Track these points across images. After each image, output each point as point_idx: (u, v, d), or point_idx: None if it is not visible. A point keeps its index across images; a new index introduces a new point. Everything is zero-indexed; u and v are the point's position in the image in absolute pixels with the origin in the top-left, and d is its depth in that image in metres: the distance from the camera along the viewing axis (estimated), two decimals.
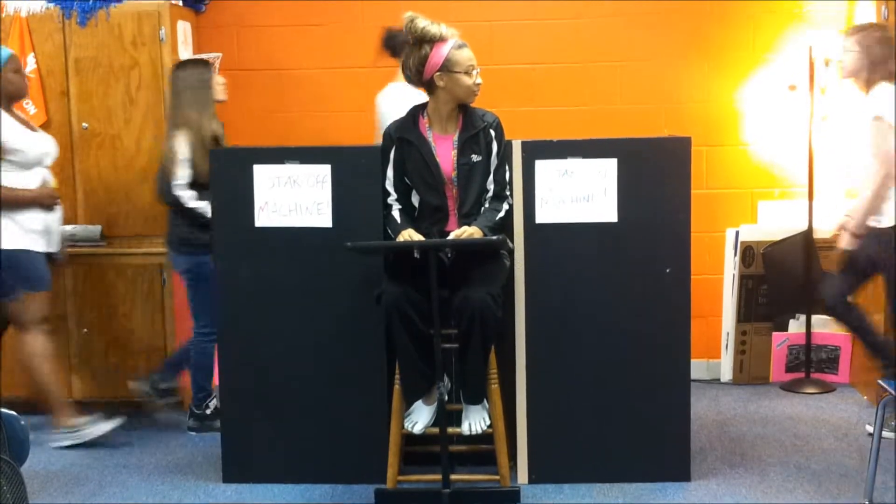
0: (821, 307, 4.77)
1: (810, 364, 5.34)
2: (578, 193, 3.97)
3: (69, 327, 5.05)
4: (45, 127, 5.08)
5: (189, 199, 4.54)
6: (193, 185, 4.55)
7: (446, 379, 3.83)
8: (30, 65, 5.02)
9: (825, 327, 5.31)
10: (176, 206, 4.58)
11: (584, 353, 4.02)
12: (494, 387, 3.83)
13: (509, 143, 3.95)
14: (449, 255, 3.84)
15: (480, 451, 3.94)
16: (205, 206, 4.43)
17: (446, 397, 3.80)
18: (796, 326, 5.39)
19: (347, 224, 4.00)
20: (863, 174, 4.39)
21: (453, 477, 3.83)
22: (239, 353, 4.10)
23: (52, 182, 4.66)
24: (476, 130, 3.85)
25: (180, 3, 5.23)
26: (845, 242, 4.34)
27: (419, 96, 4.01)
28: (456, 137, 3.86)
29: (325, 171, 4.01)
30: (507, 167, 3.93)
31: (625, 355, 4.01)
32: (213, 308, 4.39)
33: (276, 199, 4.04)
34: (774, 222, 5.38)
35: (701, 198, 4.97)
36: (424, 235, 3.81)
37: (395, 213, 3.91)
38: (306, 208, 4.03)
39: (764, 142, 5.43)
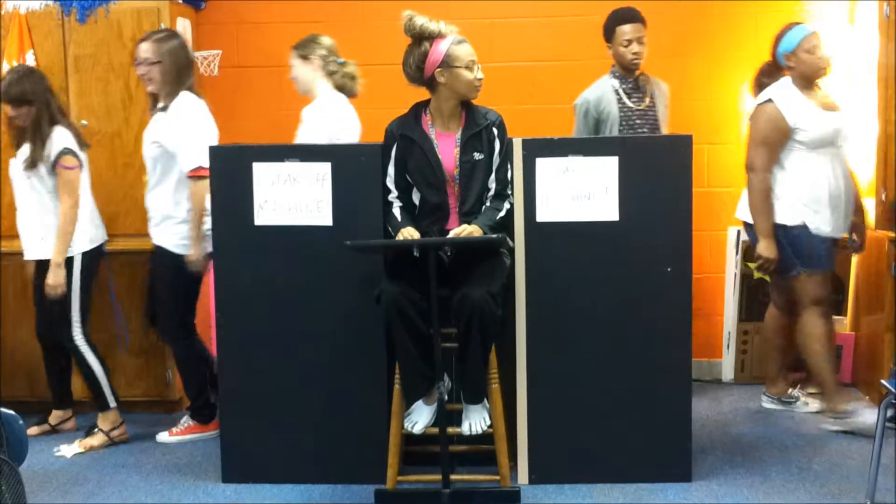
0: None
1: None
2: (579, 192, 3.96)
3: None
4: None
5: None
6: None
7: (446, 378, 3.82)
8: (29, 62, 5.01)
9: None
10: None
11: (584, 352, 4.00)
12: (495, 386, 3.81)
13: (510, 142, 3.93)
14: (448, 254, 3.83)
15: (481, 452, 3.92)
16: None
17: (446, 397, 3.79)
18: None
19: (348, 222, 3.98)
20: None
21: (453, 477, 3.82)
22: (238, 352, 4.09)
23: None
24: (479, 128, 3.83)
25: (180, 0, 5.21)
26: None
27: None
28: (459, 135, 3.84)
29: (325, 168, 3.99)
30: (508, 166, 3.91)
31: (626, 355, 3.99)
32: None
33: (275, 197, 4.02)
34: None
35: (702, 196, 4.99)
36: (424, 233, 3.80)
37: (396, 211, 3.90)
38: (306, 206, 4.01)
39: None
